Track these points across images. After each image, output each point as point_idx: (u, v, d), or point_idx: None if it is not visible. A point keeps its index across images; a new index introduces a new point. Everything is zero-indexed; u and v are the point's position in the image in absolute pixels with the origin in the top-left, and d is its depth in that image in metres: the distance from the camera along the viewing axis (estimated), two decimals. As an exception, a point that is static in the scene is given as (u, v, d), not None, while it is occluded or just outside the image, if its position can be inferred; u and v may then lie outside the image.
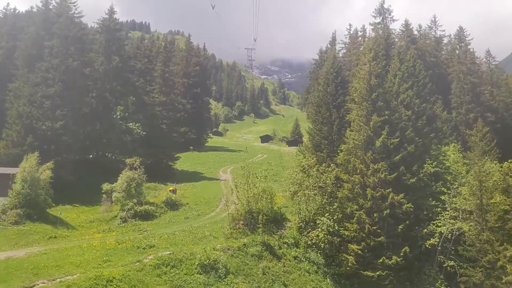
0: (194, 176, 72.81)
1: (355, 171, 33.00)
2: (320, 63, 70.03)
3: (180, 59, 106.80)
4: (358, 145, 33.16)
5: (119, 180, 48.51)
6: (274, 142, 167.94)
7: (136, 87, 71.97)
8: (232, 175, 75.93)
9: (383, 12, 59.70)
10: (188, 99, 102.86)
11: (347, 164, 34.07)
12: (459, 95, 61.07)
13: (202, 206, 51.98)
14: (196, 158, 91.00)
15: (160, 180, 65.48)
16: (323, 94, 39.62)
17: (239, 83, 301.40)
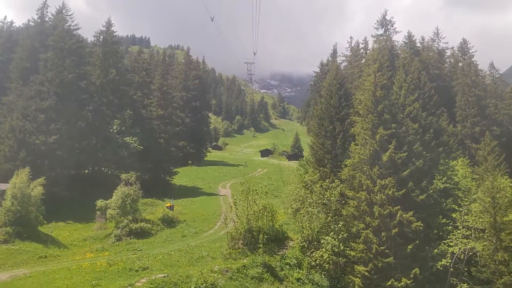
0: (193, 192, 71.00)
1: (361, 187, 31.18)
2: (321, 75, 68.66)
3: (179, 72, 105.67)
4: (364, 160, 31.39)
5: (114, 196, 46.72)
6: (274, 156, 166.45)
7: (134, 101, 70.55)
8: (231, 190, 74.13)
9: (385, 24, 58.54)
10: (187, 113, 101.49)
11: (352, 180, 32.25)
12: (464, 108, 59.52)
13: (200, 223, 50.08)
14: (195, 173, 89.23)
15: (157, 196, 63.69)
16: (326, 106, 38.00)
17: (238, 97, 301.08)
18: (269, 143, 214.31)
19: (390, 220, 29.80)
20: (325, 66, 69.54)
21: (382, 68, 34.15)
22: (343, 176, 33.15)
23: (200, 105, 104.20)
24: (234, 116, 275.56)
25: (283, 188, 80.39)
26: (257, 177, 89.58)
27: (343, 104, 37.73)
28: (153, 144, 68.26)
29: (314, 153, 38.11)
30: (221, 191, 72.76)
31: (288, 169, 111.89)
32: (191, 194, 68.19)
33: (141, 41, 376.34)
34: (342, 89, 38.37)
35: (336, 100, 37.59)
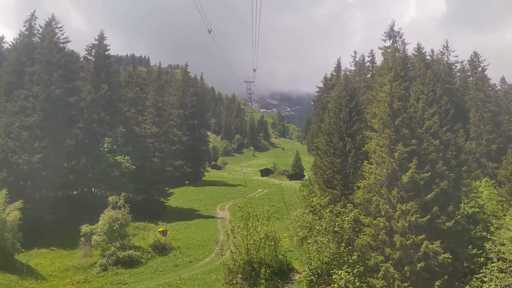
0: (189, 214, 66.57)
1: (378, 212, 27.03)
2: (325, 90, 65.17)
3: (176, 89, 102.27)
4: (381, 181, 27.30)
5: (100, 220, 42.44)
6: (275, 176, 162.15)
7: (127, 118, 66.70)
8: (230, 212, 69.76)
9: (393, 35, 55.11)
10: (184, 131, 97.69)
11: (367, 204, 28.10)
12: (479, 124, 55.71)
13: (195, 250, 45.61)
14: (192, 194, 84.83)
15: (150, 219, 59.30)
16: (335, 121, 34.09)
17: (238, 116, 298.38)
18: (269, 162, 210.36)
19: (414, 252, 25.52)
20: (329, 81, 65.96)
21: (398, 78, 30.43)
22: (357, 199, 28.98)
23: (198, 123, 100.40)
24: (234, 135, 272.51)
25: (284, 210, 76.04)
26: (257, 198, 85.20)
27: (354, 118, 33.84)
28: (146, 163, 64.14)
29: (322, 173, 33.98)
30: (219, 214, 68.37)
31: (289, 190, 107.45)
32: (186, 217, 63.80)
33: (141, 60, 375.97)
34: (353, 102, 34.52)
35: (347, 113, 33.70)
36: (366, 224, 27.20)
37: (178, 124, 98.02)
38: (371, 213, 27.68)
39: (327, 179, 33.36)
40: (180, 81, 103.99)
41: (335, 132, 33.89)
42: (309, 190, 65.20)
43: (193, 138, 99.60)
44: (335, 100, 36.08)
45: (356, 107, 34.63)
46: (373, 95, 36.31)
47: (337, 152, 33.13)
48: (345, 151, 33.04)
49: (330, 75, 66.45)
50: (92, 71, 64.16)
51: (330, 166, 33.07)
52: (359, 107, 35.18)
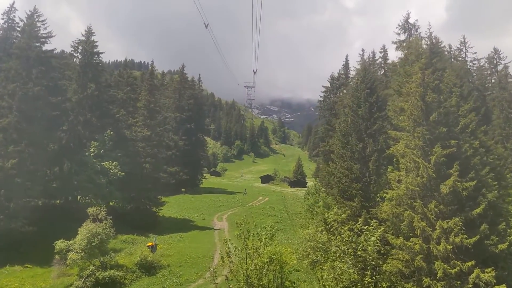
0: (183, 225, 60.91)
1: (411, 231, 21.50)
2: (332, 90, 59.72)
3: (172, 91, 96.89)
4: (414, 192, 21.82)
5: (78, 235, 36.80)
6: (275, 183, 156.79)
7: (116, 120, 61.30)
8: (228, 223, 64.15)
9: (408, 28, 49.68)
10: (180, 135, 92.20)
11: (396, 221, 22.59)
12: (504, 126, 50.19)
13: (187, 268, 39.84)
14: (188, 202, 79.15)
15: (140, 231, 53.77)
16: (353, 118, 28.56)
17: (238, 122, 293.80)
18: (269, 169, 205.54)
19: (461, 283, 19.89)
20: (336, 80, 60.45)
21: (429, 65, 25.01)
22: (382, 214, 23.40)
23: (195, 127, 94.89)
24: (234, 141, 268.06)
25: (287, 220, 70.46)
26: (258, 207, 79.60)
27: (376, 115, 28.33)
28: (137, 169, 58.61)
29: (337, 182, 28.38)
30: (217, 224, 62.75)
31: (292, 197, 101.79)
32: (180, 228, 58.16)
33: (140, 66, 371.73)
34: (374, 96, 29.00)
35: (366, 109, 28.20)
36: (397, 246, 21.63)
37: (174, 128, 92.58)
38: (402, 232, 22.14)
39: (343, 188, 27.75)
40: (176, 82, 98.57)
41: (352, 132, 28.36)
42: (315, 199, 59.70)
43: (190, 143, 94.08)
44: (352, 94, 30.53)
45: (377, 102, 29.13)
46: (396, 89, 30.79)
47: (355, 155, 27.59)
48: (365, 155, 27.53)
49: (338, 74, 60.97)
50: (78, 69, 58.81)
51: (347, 173, 27.51)
52: (380, 102, 29.68)
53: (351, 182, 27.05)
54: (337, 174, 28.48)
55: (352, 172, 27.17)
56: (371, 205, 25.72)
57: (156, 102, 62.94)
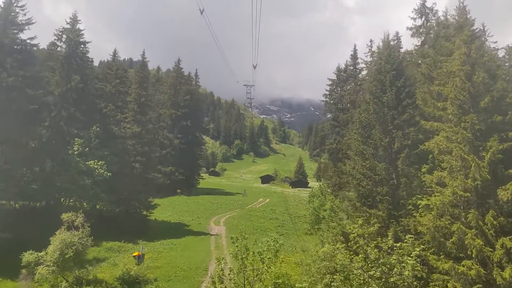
0: (177, 230, 55.80)
1: (462, 250, 16.53)
2: (338, 83, 54.64)
3: (167, 87, 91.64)
4: (462, 199, 16.80)
5: (50, 246, 31.75)
6: (276, 183, 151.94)
7: (104, 115, 56.21)
8: (226, 227, 59.09)
9: (425, 13, 44.52)
10: (176, 133, 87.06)
11: (440, 236, 17.50)
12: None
13: (177, 284, 34.69)
14: (184, 204, 74.00)
15: (128, 237, 48.66)
16: (376, 107, 23.50)
17: (238, 121, 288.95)
18: (270, 169, 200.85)
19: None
20: (343, 72, 55.31)
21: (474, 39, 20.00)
22: (420, 227, 18.30)
23: (192, 125, 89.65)
24: (233, 140, 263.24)
25: (290, 224, 65.39)
26: (258, 209, 74.51)
27: (405, 103, 23.27)
28: (126, 169, 53.49)
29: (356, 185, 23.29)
30: (213, 229, 57.66)
31: (294, 199, 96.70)
32: (173, 234, 53.09)
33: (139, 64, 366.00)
34: (401, 79, 23.91)
35: (393, 95, 23.13)
36: (444, 271, 16.58)
37: (169, 125, 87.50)
38: (448, 251, 17.07)
39: (363, 193, 22.69)
40: (171, 78, 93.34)
41: (375, 123, 23.31)
42: (321, 202, 54.66)
43: (186, 141, 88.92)
44: (374, 77, 25.36)
45: (406, 87, 24.04)
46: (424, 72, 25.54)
47: (380, 152, 22.55)
48: (391, 151, 22.49)
49: (345, 65, 55.86)
50: (61, 59, 53.56)
51: (369, 173, 22.46)
52: (409, 87, 24.53)
53: (374, 185, 22.01)
54: (356, 175, 23.43)
55: (375, 173, 22.12)
56: (401, 215, 20.65)
57: (147, 96, 57.83)
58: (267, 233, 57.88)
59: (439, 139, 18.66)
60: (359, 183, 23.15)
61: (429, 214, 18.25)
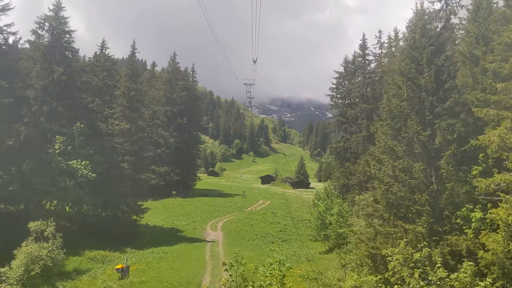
0: (169, 236, 51.08)
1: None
2: (346, 76, 49.89)
3: (163, 82, 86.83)
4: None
5: (14, 261, 27.01)
6: (277, 184, 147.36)
7: (90, 111, 51.48)
8: (223, 232, 54.42)
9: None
10: (171, 131, 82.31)
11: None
12: None
13: (164, 304, 30.19)
14: (179, 207, 69.19)
15: (115, 244, 44.14)
16: (410, 91, 18.65)
17: (237, 120, 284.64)
18: (270, 169, 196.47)
19: None
20: (351, 64, 50.62)
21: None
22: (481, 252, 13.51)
23: (188, 122, 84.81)
24: (233, 140, 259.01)
25: (293, 228, 60.63)
26: (258, 212, 69.75)
27: (447, 86, 18.51)
28: (114, 170, 48.75)
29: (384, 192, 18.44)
30: (209, 235, 52.96)
31: (295, 200, 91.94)
32: (165, 240, 48.44)
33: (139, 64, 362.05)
34: (442, 56, 19.15)
35: (432, 77, 18.35)
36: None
37: (164, 123, 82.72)
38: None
39: (394, 201, 17.84)
40: (167, 73, 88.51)
41: (410, 112, 18.49)
42: (327, 205, 49.90)
43: (182, 140, 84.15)
44: (407, 54, 20.34)
45: (448, 66, 19.24)
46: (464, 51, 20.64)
47: (417, 149, 17.74)
48: (431, 148, 17.73)
49: (353, 57, 51.15)
50: (42, 49, 48.88)
51: (404, 177, 17.61)
52: (451, 67, 19.71)
53: (409, 192, 17.21)
54: (384, 178, 18.64)
55: (412, 176, 17.31)
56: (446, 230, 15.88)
57: (138, 90, 53.07)
58: (268, 238, 53.27)
59: (502, 131, 14.01)
60: (389, 188, 18.40)
61: (494, 234, 13.56)
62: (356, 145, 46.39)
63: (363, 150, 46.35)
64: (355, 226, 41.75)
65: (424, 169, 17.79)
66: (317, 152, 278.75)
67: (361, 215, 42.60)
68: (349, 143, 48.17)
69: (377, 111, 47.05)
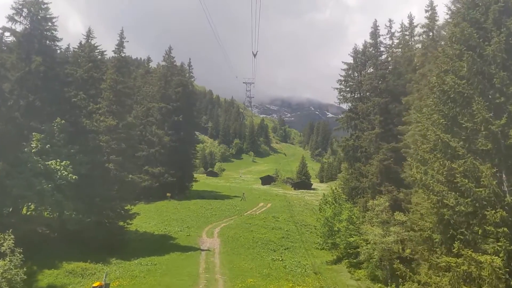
0: (161, 244, 46.21)
1: None
2: (356, 67, 45.07)
3: (157, 78, 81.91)
4: None
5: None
6: (277, 184, 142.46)
7: (72, 106, 46.63)
8: (220, 239, 49.62)
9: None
10: (166, 130, 77.48)
11: None
12: None
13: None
14: (173, 211, 64.27)
15: (98, 255, 39.43)
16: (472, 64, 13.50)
17: (237, 120, 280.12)
18: (270, 169, 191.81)
19: None
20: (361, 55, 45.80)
21: None
22: None
23: (184, 120, 79.89)
24: (232, 139, 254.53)
25: (296, 234, 55.78)
26: (258, 216, 64.81)
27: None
28: (98, 170, 43.90)
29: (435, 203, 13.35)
30: (205, 242, 48.14)
31: (298, 203, 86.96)
32: (155, 250, 43.64)
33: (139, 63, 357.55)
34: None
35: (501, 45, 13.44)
36: None
37: (158, 120, 77.88)
38: None
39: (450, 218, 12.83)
40: (161, 67, 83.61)
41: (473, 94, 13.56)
42: (335, 210, 45.07)
43: (178, 138, 79.29)
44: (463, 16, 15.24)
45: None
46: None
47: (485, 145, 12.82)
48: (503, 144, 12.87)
49: (363, 46, 46.26)
50: (19, 37, 43.99)
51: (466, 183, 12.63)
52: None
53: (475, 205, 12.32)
54: (434, 186, 13.69)
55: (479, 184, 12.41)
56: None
57: (126, 83, 48.26)
58: (270, 246, 48.45)
59: None
60: (442, 200, 13.50)
61: None
62: (368, 143, 41.53)
63: (376, 149, 41.52)
64: (368, 235, 37.02)
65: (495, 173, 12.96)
66: (318, 152, 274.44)
67: (375, 223, 37.79)
68: (360, 141, 43.32)
69: (391, 105, 42.19)
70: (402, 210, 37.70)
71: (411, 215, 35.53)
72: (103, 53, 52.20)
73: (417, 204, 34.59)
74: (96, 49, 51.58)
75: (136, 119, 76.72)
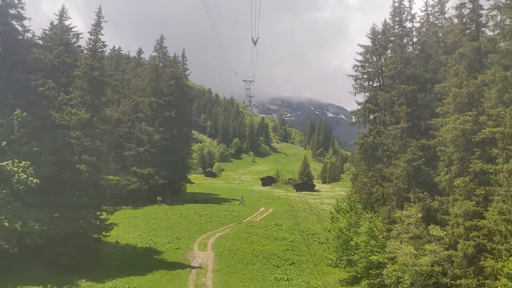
0: (143, 260, 38.89)
1: None
2: (375, 51, 37.90)
3: (148, 70, 74.55)
4: None
5: None
6: (279, 185, 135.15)
7: (39, 96, 39.45)
8: (214, 253, 42.30)
9: None
10: (157, 127, 70.16)
11: None
12: None
13: None
14: (162, 217, 56.79)
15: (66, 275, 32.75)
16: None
17: (236, 119, 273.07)
18: (271, 169, 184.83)
19: None
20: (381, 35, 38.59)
21: None
22: None
23: (177, 116, 72.53)
24: (232, 139, 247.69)
25: (303, 246, 48.54)
26: (259, 224, 57.38)
27: None
28: (67, 173, 36.62)
29: None
30: (196, 257, 40.79)
31: (302, 207, 79.41)
32: (136, 268, 36.45)
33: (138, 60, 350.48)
34: None
35: None
36: None
37: (148, 116, 70.52)
38: None
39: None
40: (152, 58, 76.23)
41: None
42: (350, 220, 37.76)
43: (170, 136, 71.97)
44: None
45: None
46: None
47: None
48: None
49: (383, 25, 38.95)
50: (-27, 14, 36.82)
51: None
52: None
53: None
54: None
55: None
56: None
57: (103, 69, 40.95)
58: (272, 261, 41.15)
59: None
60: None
61: None
62: (392, 140, 34.23)
63: (401, 147, 34.23)
64: (396, 253, 29.81)
65: None
66: (319, 151, 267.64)
67: (404, 238, 30.55)
68: (381, 138, 36.02)
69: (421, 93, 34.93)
70: (436, 222, 30.61)
71: (451, 228, 28.42)
72: (79, 36, 45.06)
73: (458, 216, 27.44)
74: (70, 31, 44.39)
75: (123, 115, 69.68)
